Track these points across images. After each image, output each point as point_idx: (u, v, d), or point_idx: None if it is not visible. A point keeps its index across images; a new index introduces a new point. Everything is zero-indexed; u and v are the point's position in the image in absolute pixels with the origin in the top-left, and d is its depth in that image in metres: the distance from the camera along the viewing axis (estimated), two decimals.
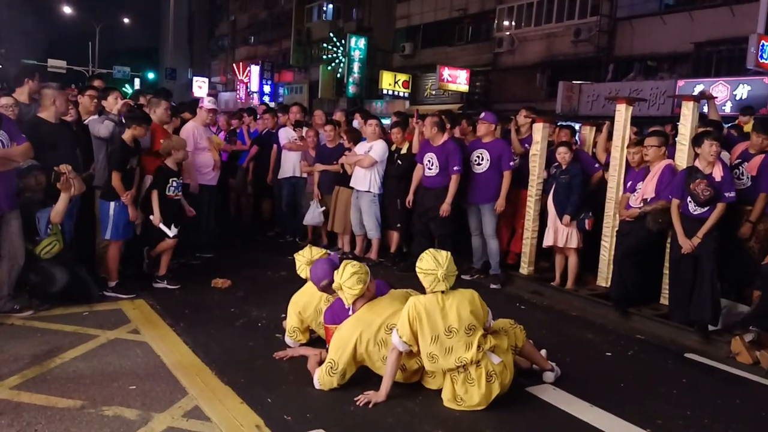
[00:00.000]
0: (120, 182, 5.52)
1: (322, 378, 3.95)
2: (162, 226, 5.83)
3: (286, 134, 8.63)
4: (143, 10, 61.63)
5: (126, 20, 50.85)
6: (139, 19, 58.13)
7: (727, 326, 5.46)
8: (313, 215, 8.14)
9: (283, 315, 4.79)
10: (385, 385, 3.82)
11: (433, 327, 3.73)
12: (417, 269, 3.84)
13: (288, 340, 4.64)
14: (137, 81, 44.45)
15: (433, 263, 3.77)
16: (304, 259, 4.65)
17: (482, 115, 7.18)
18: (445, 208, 6.86)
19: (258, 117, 9.88)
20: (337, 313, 4.22)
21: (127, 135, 5.64)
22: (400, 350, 3.79)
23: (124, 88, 33.58)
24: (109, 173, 5.55)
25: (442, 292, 3.78)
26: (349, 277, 3.97)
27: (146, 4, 61.80)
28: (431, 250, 3.90)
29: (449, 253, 3.86)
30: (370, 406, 3.75)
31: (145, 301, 5.60)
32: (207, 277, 6.38)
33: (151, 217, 5.84)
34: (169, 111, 6.51)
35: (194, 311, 5.41)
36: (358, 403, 3.76)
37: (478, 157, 6.98)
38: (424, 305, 3.76)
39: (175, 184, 5.97)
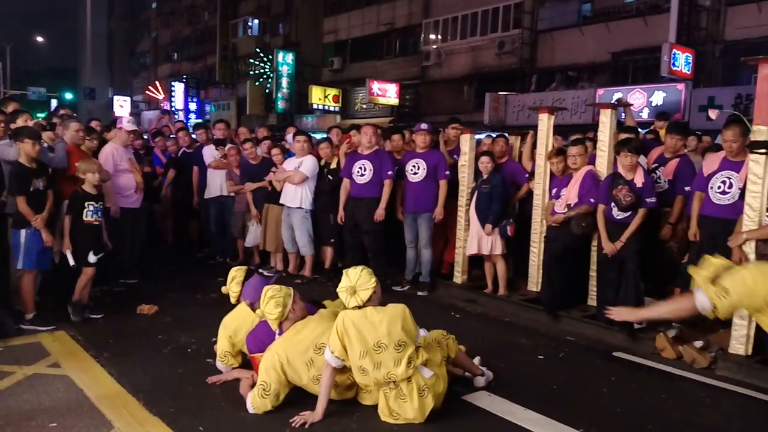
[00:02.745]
0: (26, 206, 5.25)
1: (255, 401, 3.85)
2: (68, 254, 5.55)
3: (210, 153, 8.46)
4: (59, 29, 59.62)
5: (40, 39, 48.90)
6: (54, 38, 56.21)
7: (651, 323, 5.65)
8: (255, 236, 7.98)
9: (214, 339, 4.64)
10: (321, 404, 3.76)
11: (361, 341, 3.71)
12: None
13: (219, 364, 4.50)
14: (54, 102, 42.78)
15: (345, 280, 3.82)
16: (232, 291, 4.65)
17: (422, 125, 7.27)
18: (379, 213, 6.89)
19: (172, 135, 9.58)
20: (261, 339, 4.12)
21: (21, 155, 5.36)
22: (333, 365, 3.74)
23: (39, 113, 32.17)
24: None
25: (359, 306, 3.78)
26: (267, 303, 3.94)
27: (62, 22, 59.75)
28: (350, 268, 3.91)
29: (364, 268, 3.88)
30: (307, 426, 3.68)
31: (66, 332, 5.34)
32: (132, 303, 6.14)
33: (62, 242, 5.59)
34: (81, 132, 6.25)
35: (119, 340, 5.19)
36: (294, 425, 3.68)
37: (414, 166, 7.04)
38: (353, 320, 3.75)
39: (92, 208, 5.68)
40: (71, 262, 5.58)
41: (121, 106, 41.21)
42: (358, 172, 7.05)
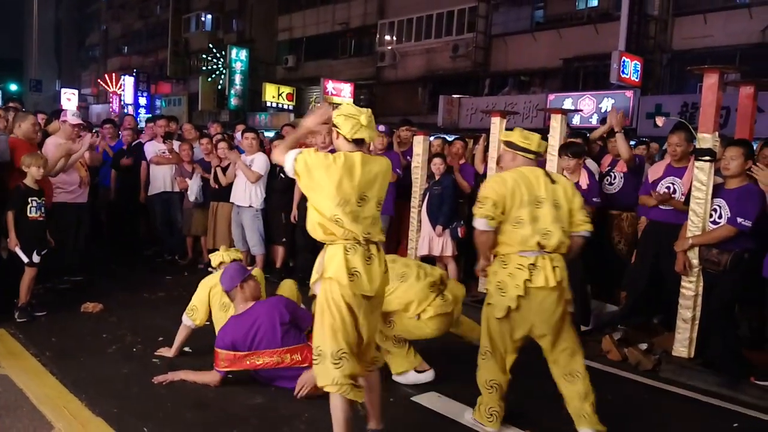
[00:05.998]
0: None
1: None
2: (18, 251, 5.36)
3: (153, 148, 8.23)
4: (4, 18, 57.34)
5: None
6: None
7: (598, 326, 5.78)
8: (192, 190, 7.83)
9: (161, 338, 4.60)
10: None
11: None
12: (335, 115, 3.20)
13: (185, 317, 4.52)
14: None
15: (355, 109, 3.22)
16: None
17: (379, 127, 7.27)
18: None
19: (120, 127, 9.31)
20: (226, 332, 4.13)
21: None
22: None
23: None
24: None
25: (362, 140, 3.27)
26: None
27: (7, 12, 57.45)
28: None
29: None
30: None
31: (7, 330, 5.15)
32: (76, 301, 5.96)
33: (8, 240, 5.38)
34: (36, 126, 6.04)
35: (62, 339, 5.04)
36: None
37: None
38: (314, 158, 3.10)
39: (35, 204, 5.48)
40: (24, 259, 5.40)
41: (69, 99, 40.08)
42: None
